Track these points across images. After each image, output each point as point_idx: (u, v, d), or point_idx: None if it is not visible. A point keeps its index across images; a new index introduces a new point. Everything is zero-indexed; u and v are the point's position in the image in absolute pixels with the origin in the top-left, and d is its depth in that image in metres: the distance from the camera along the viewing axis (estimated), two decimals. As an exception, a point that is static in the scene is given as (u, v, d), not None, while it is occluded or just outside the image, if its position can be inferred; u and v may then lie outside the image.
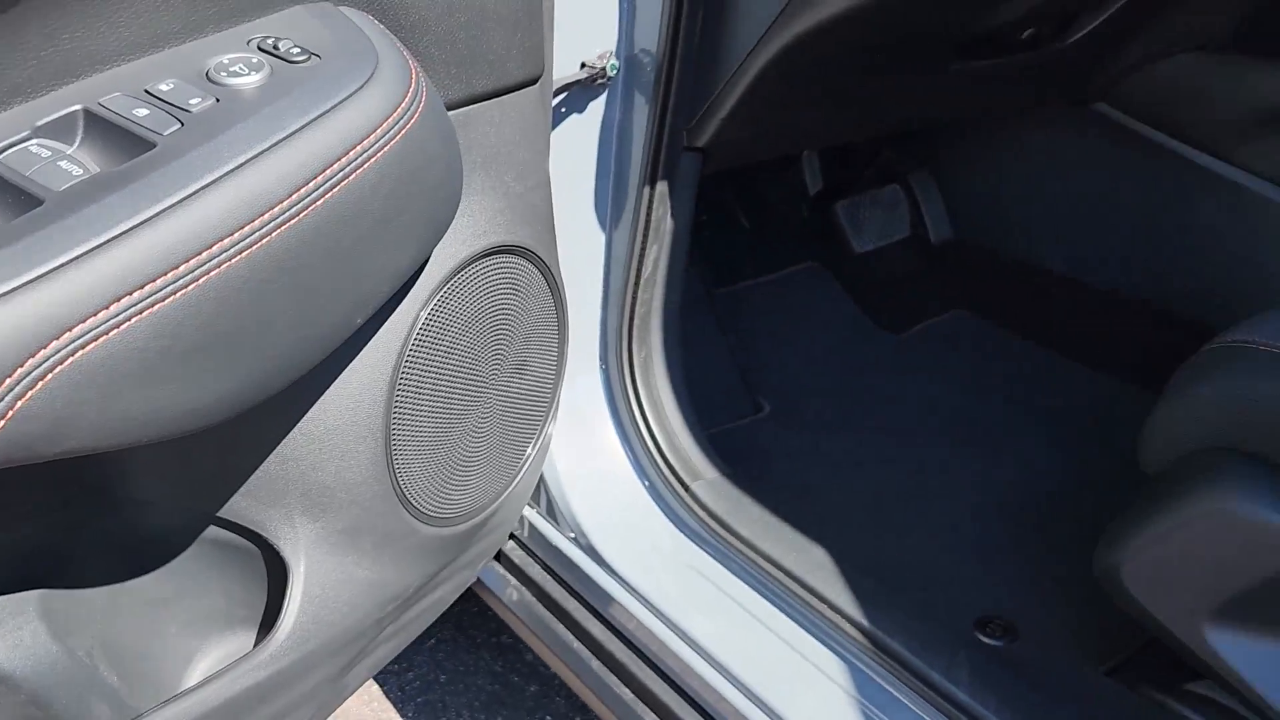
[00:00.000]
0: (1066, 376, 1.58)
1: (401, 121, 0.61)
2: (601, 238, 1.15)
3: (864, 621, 1.03)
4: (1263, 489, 0.85)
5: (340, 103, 0.59)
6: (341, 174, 0.58)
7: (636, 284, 1.16)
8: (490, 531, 0.96)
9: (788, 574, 1.08)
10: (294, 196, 0.56)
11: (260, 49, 0.61)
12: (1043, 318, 1.67)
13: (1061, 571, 1.21)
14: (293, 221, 0.56)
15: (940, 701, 0.96)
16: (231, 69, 0.59)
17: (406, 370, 0.77)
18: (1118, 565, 0.95)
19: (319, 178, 0.57)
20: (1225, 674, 0.90)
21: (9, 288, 0.47)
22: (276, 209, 0.55)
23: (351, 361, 0.74)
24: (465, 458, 0.86)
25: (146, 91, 0.57)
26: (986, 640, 1.11)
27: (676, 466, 1.18)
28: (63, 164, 0.54)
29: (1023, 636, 1.13)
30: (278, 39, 0.61)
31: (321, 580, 0.78)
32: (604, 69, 1.04)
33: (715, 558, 1.12)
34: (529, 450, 0.94)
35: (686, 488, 1.18)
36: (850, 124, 1.32)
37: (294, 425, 0.73)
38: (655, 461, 1.18)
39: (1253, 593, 0.86)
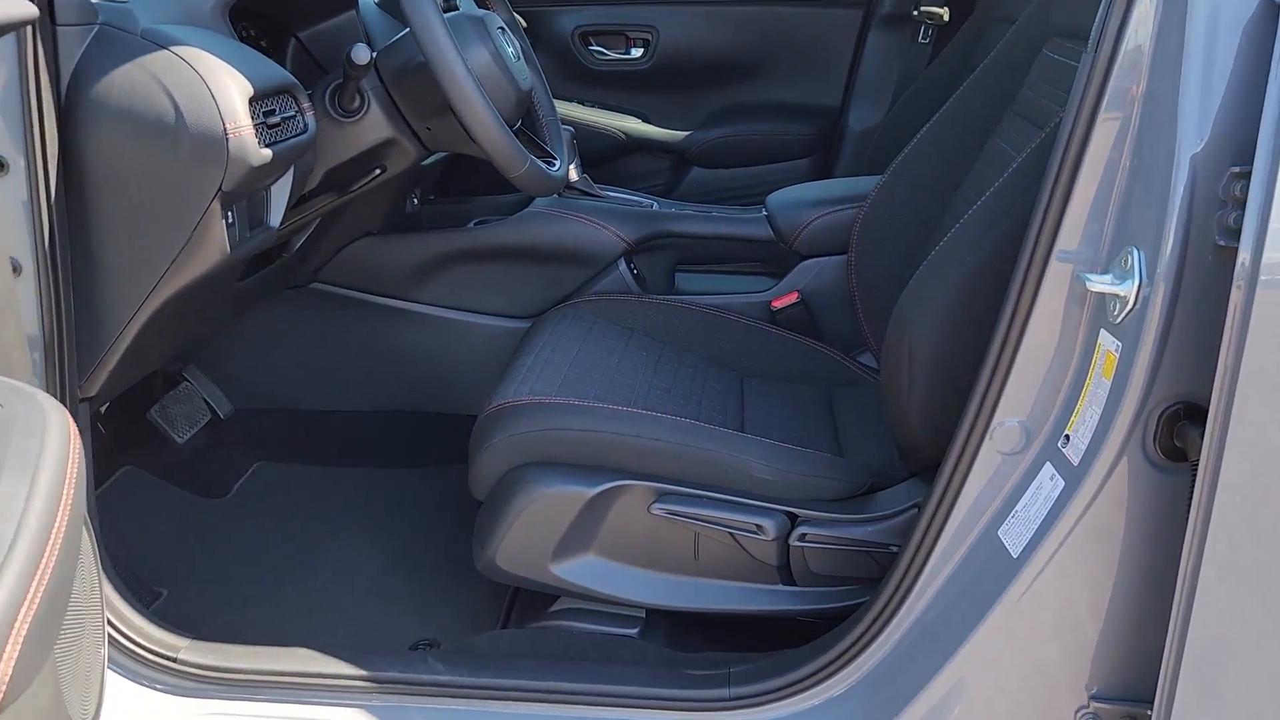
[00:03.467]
0: (367, 478, 2.12)
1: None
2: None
3: (353, 671, 1.43)
4: (550, 476, 1.51)
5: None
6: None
7: None
8: None
9: (289, 674, 1.43)
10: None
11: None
12: (317, 446, 2.19)
13: (439, 595, 1.77)
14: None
15: (442, 688, 1.42)
16: None
17: None
18: (491, 556, 1.53)
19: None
20: (570, 588, 1.54)
21: None
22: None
23: None
24: None
25: None
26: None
27: (159, 650, 1.43)
28: None
29: (443, 643, 1.65)
30: None
31: None
32: None
33: (229, 698, 1.42)
34: None
35: (175, 659, 1.43)
36: (185, 341, 1.69)
37: None
38: (141, 658, 1.41)
39: (567, 533, 1.51)
